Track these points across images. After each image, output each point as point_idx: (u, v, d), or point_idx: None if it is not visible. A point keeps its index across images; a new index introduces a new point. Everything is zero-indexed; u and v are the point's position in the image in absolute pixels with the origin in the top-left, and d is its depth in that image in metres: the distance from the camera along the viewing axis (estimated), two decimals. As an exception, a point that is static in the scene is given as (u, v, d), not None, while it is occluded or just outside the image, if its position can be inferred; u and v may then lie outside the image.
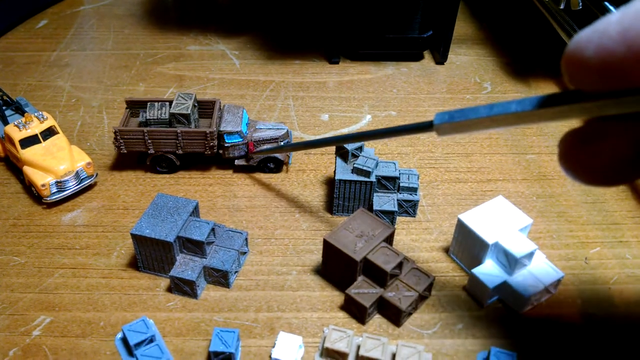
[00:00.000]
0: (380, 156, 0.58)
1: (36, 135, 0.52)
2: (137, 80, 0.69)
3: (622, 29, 0.20)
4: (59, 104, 0.65)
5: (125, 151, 0.54)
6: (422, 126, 0.31)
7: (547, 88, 0.69)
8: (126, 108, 0.56)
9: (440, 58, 0.72)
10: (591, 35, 0.20)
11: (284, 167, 0.55)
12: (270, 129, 0.54)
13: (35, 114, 0.54)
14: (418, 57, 0.74)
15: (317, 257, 0.48)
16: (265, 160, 0.53)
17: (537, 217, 0.52)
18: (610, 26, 0.20)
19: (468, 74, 0.72)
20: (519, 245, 0.43)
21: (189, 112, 0.51)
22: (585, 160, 0.24)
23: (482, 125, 0.26)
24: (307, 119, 0.63)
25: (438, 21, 0.70)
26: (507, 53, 0.76)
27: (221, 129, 0.52)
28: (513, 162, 0.58)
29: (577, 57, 0.21)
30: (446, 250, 0.49)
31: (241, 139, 0.52)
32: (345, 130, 0.62)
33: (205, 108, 0.56)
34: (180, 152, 0.53)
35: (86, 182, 0.53)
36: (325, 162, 0.57)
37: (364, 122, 0.63)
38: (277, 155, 0.53)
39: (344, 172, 0.49)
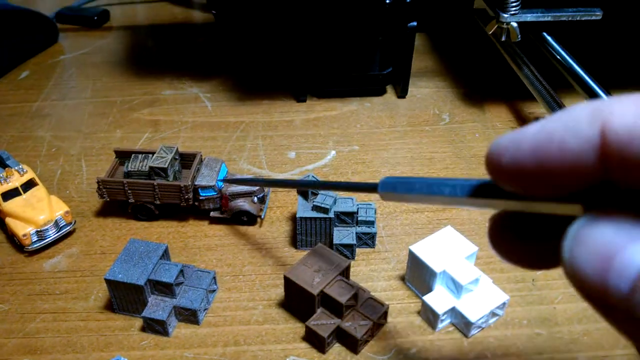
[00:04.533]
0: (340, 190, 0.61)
1: (17, 188, 0.56)
2: (115, 127, 0.73)
3: (534, 146, 0.20)
4: (40, 154, 0.68)
5: (108, 199, 0.58)
6: (368, 187, 0.33)
7: (500, 113, 0.73)
8: (115, 157, 0.60)
9: (401, 92, 0.76)
10: (507, 145, 0.21)
11: (258, 220, 0.58)
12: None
13: (16, 167, 0.58)
14: (381, 92, 0.78)
15: (282, 290, 0.51)
16: (239, 213, 0.57)
17: (487, 242, 0.56)
18: (525, 139, 0.21)
19: (428, 106, 0.76)
20: (464, 273, 0.47)
21: (166, 166, 0.55)
22: (505, 245, 0.25)
23: (421, 200, 0.28)
24: (275, 157, 0.67)
25: (396, 59, 0.74)
26: (464, 83, 0.80)
27: (196, 183, 0.56)
28: (468, 190, 0.62)
29: (494, 162, 0.22)
30: (402, 278, 0.52)
31: (215, 193, 0.56)
32: (310, 167, 0.65)
33: (188, 160, 0.59)
34: (158, 202, 0.56)
35: (65, 230, 0.56)
36: (291, 199, 0.61)
37: (329, 158, 0.67)
38: (250, 209, 0.56)
39: (304, 210, 0.53)
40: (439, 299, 0.47)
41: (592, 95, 0.59)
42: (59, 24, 0.95)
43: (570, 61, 0.63)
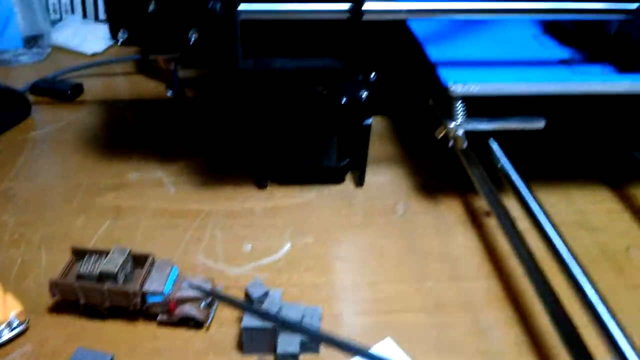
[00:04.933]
0: (291, 287, 0.63)
1: (-29, 289, 0.58)
2: (78, 212, 0.75)
3: None
4: (1, 241, 0.70)
5: (60, 299, 0.59)
6: None
7: (453, 205, 0.76)
8: (72, 254, 0.62)
9: (358, 182, 0.79)
10: None
11: (205, 326, 0.59)
12: (194, 286, 0.59)
13: (-27, 265, 0.59)
14: (340, 180, 0.81)
15: (224, 400, 0.52)
16: (186, 318, 0.58)
17: (430, 348, 0.58)
18: None
19: (385, 195, 0.78)
20: (396, 393, 0.49)
21: (115, 271, 0.57)
22: None
23: None
24: (231, 249, 0.69)
25: (354, 151, 0.77)
26: (422, 172, 0.83)
27: (144, 289, 0.57)
28: (415, 291, 0.64)
29: None
30: (343, 387, 0.54)
31: (162, 299, 0.57)
32: (264, 262, 0.67)
33: (140, 261, 0.61)
34: (108, 305, 0.58)
35: (18, 329, 0.57)
36: (241, 300, 0.63)
37: (283, 251, 0.69)
38: (197, 316, 0.58)
39: (250, 320, 0.55)
40: (372, 417, 0.49)
41: (521, 198, 0.62)
42: (34, 95, 0.98)
43: (509, 170, 0.66)
